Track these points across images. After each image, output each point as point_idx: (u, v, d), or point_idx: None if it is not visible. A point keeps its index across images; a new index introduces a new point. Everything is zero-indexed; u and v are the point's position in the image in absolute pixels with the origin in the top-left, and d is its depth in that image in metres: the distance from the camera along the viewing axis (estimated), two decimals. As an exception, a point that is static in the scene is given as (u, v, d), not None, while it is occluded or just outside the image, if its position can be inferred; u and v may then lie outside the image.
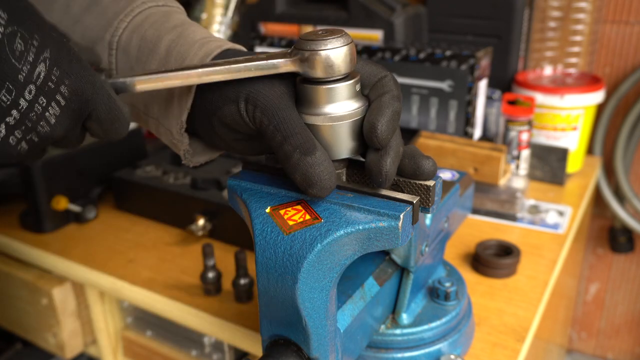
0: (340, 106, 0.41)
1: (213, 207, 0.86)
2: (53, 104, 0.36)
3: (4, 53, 0.33)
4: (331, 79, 0.40)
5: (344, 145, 0.42)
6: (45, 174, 0.90)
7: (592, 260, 1.50)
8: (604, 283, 1.51)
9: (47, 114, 0.36)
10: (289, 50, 0.41)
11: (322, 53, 0.39)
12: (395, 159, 0.41)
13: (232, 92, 0.42)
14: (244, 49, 0.47)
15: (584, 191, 1.04)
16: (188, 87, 0.45)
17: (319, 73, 0.40)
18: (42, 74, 0.35)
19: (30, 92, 0.35)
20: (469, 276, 0.77)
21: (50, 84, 0.36)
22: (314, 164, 0.39)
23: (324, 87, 0.41)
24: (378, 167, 0.41)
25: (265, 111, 0.40)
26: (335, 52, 0.39)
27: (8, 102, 0.34)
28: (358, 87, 0.42)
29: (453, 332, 0.59)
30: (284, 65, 0.41)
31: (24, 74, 0.34)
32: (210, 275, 0.74)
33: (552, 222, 0.91)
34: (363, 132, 0.41)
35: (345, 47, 0.40)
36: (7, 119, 0.35)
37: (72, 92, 0.37)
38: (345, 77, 0.41)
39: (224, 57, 0.44)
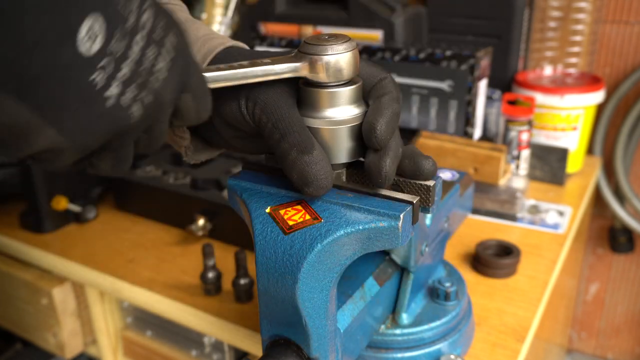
0: (341, 111, 0.41)
1: (213, 207, 0.86)
2: (163, 53, 0.31)
3: None
4: (334, 83, 0.41)
5: (343, 149, 0.42)
6: (45, 174, 0.90)
7: (592, 260, 1.50)
8: (604, 283, 1.51)
9: (157, 66, 0.31)
10: (293, 54, 0.41)
11: (326, 58, 0.39)
12: (395, 160, 0.41)
13: (233, 90, 0.42)
14: (246, 46, 0.47)
15: (584, 191, 1.04)
16: None
17: (322, 77, 0.40)
18: (149, 22, 0.30)
19: (140, 40, 0.30)
20: (469, 276, 0.77)
21: (157, 33, 0.30)
22: (311, 163, 0.39)
23: (327, 91, 0.41)
24: (377, 168, 0.41)
25: (265, 109, 0.40)
26: (339, 58, 0.39)
27: (119, 53, 0.29)
28: (360, 92, 0.42)
29: (453, 332, 0.59)
30: (288, 70, 0.41)
31: (132, 21, 0.29)
32: (210, 275, 0.74)
33: (552, 222, 0.91)
34: (362, 134, 0.41)
35: (349, 52, 0.40)
36: (120, 73, 0.29)
37: (177, 45, 0.32)
38: (348, 82, 0.41)
39: (227, 54, 0.44)
